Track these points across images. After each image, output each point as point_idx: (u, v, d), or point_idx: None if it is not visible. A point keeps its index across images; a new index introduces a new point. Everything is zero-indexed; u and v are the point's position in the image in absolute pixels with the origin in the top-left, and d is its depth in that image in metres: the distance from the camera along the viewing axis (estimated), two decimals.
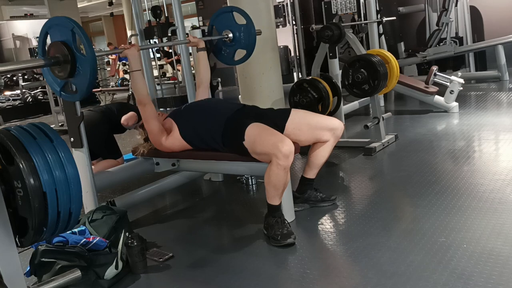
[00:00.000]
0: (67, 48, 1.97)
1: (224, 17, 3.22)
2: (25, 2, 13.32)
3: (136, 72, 2.61)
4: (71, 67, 1.97)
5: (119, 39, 19.61)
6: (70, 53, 1.97)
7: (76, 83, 2.06)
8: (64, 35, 2.00)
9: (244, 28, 3.16)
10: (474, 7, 7.59)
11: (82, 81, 2.02)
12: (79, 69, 1.99)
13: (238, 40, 3.19)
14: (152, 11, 3.96)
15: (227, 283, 2.09)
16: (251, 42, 3.17)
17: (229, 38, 3.19)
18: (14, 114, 9.06)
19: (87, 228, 2.40)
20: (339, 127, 2.69)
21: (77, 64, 1.98)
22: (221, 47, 3.28)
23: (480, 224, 2.33)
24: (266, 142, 2.37)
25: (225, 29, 3.20)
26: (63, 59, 1.98)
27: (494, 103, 5.30)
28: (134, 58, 2.60)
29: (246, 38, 3.17)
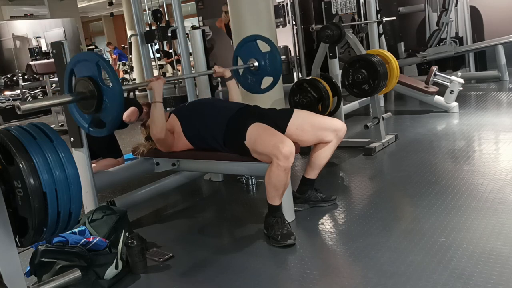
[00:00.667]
0: (93, 82, 1.99)
1: (248, 46, 3.23)
2: (25, 2, 13.34)
3: (158, 103, 2.61)
4: (97, 101, 1.99)
5: (119, 39, 19.62)
6: (96, 87, 1.99)
7: (103, 117, 2.07)
8: (89, 70, 2.02)
9: (269, 55, 3.16)
10: (474, 7, 7.59)
11: (109, 115, 2.03)
12: (106, 103, 2.00)
13: (263, 68, 3.18)
14: (153, 14, 3.96)
15: (227, 283, 2.09)
16: (277, 68, 3.17)
17: (255, 67, 3.19)
18: (14, 114, 9.04)
19: (87, 228, 2.40)
20: (342, 128, 2.69)
21: (104, 97, 2.00)
22: (247, 76, 3.27)
23: (480, 224, 2.33)
24: (267, 142, 2.37)
25: (250, 58, 3.21)
26: (89, 93, 1.99)
27: (494, 103, 5.30)
28: (159, 90, 2.62)
29: (272, 65, 3.17)
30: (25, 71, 10.09)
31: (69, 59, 2.38)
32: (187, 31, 4.16)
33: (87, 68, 2.03)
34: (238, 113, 2.62)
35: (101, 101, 2.00)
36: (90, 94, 2.00)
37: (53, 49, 2.43)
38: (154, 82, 2.63)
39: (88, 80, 2.00)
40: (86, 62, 2.05)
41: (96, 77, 2.00)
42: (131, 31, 10.85)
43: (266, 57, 3.17)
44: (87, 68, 2.04)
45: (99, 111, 2.04)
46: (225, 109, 2.68)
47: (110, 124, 2.07)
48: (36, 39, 11.44)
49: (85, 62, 2.05)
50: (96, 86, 1.99)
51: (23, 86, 9.41)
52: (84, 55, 2.11)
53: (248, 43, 3.23)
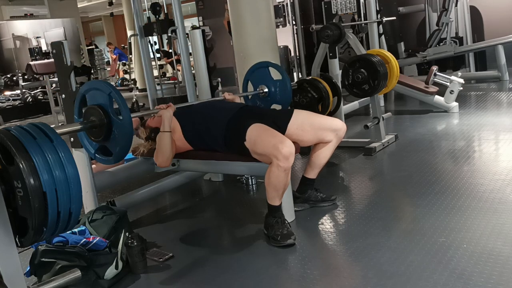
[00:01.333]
0: (104, 112, 2.00)
1: (260, 72, 3.23)
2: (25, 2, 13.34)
3: (166, 133, 2.59)
4: (106, 130, 2.00)
5: (119, 39, 19.62)
6: (106, 117, 1.99)
7: (110, 146, 2.07)
8: (101, 98, 2.03)
9: (280, 84, 3.17)
10: (474, 7, 7.59)
11: (117, 145, 2.04)
12: (114, 133, 2.01)
13: (273, 95, 3.18)
14: (152, 8, 3.95)
15: (227, 283, 2.09)
16: (287, 97, 3.17)
17: (265, 93, 3.19)
18: (14, 114, 9.05)
19: (87, 228, 2.40)
20: (342, 128, 2.70)
21: (113, 128, 2.00)
22: (256, 101, 3.28)
23: (480, 224, 2.33)
24: (267, 143, 2.37)
25: (260, 84, 3.21)
26: (99, 122, 2.00)
27: (494, 103, 5.30)
28: (169, 119, 2.59)
29: (282, 93, 3.17)
30: (25, 71, 10.09)
31: (69, 59, 2.38)
32: (187, 31, 4.16)
33: (99, 97, 2.04)
34: (238, 114, 2.62)
35: (110, 132, 2.01)
36: (99, 123, 2.01)
37: (53, 49, 2.43)
38: (164, 110, 2.60)
39: (98, 109, 2.01)
40: (98, 91, 2.06)
41: (107, 107, 2.01)
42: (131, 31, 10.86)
43: (277, 85, 3.17)
44: (98, 96, 2.05)
45: (107, 141, 2.05)
46: (225, 110, 2.68)
47: (117, 154, 2.08)
48: (36, 39, 11.44)
49: (97, 91, 2.06)
50: (107, 116, 2.00)
51: (23, 86, 9.41)
52: (97, 84, 2.12)
53: (260, 69, 3.24)
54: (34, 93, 9.44)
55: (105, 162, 2.19)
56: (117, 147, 2.04)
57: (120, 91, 2.10)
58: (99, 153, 2.18)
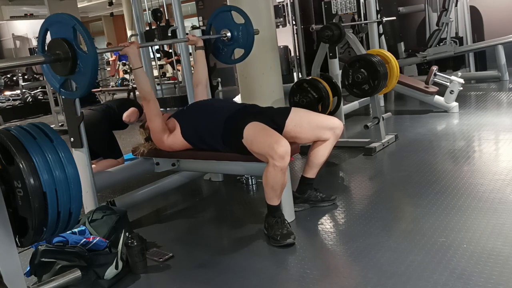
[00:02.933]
0: (68, 45, 1.95)
1: (223, 16, 3.22)
2: (25, 2, 13.32)
3: (138, 69, 2.62)
4: (71, 64, 1.96)
5: (119, 39, 19.60)
6: (71, 50, 1.95)
7: (76, 80, 2.04)
8: (65, 32, 1.98)
9: (242, 28, 3.16)
10: (474, 7, 7.59)
11: (82, 79, 2.01)
12: (79, 66, 1.97)
13: (236, 39, 3.19)
14: (153, 14, 3.95)
15: (227, 283, 2.09)
16: (249, 41, 3.18)
17: (227, 37, 3.20)
18: (14, 114, 9.06)
19: (87, 228, 2.40)
20: (339, 126, 2.70)
21: (78, 62, 1.97)
22: (219, 46, 3.28)
23: (480, 224, 2.33)
24: (262, 142, 2.37)
25: (223, 28, 3.20)
26: (63, 56, 1.96)
27: (494, 103, 5.30)
28: (135, 55, 2.60)
29: (244, 37, 3.17)
30: (25, 71, 10.09)
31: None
32: (187, 31, 4.15)
33: (63, 30, 1.99)
34: (236, 113, 2.63)
35: (75, 65, 1.97)
36: (64, 57, 1.96)
37: None
38: (127, 48, 2.58)
39: (62, 42, 1.95)
40: (62, 24, 2.00)
41: (71, 40, 1.96)
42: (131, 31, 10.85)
43: (240, 29, 3.16)
44: (62, 30, 1.99)
45: (72, 75, 2.01)
46: (224, 109, 2.68)
47: (82, 88, 2.04)
48: (36, 39, 11.42)
49: (61, 24, 2.01)
50: (72, 49, 1.95)
51: (23, 86, 9.41)
52: (59, 17, 2.06)
53: (223, 13, 3.22)
54: (34, 93, 9.44)
55: (70, 96, 2.15)
56: (82, 80, 2.01)
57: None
58: (64, 88, 2.16)
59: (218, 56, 3.32)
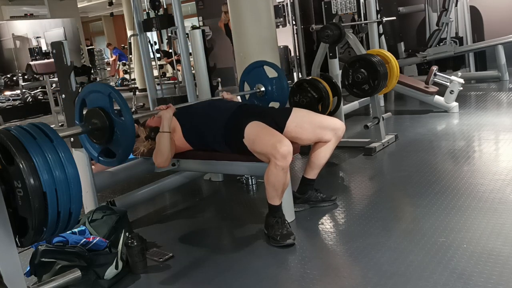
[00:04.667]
0: (105, 113, 1.99)
1: (255, 72, 3.27)
2: (25, 2, 13.33)
3: (165, 134, 2.60)
4: (109, 132, 1.99)
5: (119, 39, 19.61)
6: (108, 119, 1.98)
7: (114, 148, 2.06)
8: (101, 101, 2.01)
9: (276, 81, 3.20)
10: (474, 7, 7.59)
11: (120, 145, 2.03)
12: (116, 134, 2.00)
13: (270, 93, 3.23)
14: (151, 4, 3.94)
15: (227, 283, 2.09)
16: (284, 93, 3.22)
17: (261, 92, 3.23)
18: (14, 114, 9.05)
19: (87, 228, 2.40)
20: (341, 128, 2.70)
21: (115, 129, 1.99)
22: (253, 100, 3.31)
23: (480, 224, 2.33)
24: (265, 142, 2.37)
25: (256, 83, 3.24)
26: (101, 124, 1.99)
27: (494, 103, 5.30)
28: (168, 120, 2.61)
29: (279, 91, 3.21)
30: (25, 71, 10.08)
31: (69, 59, 2.38)
32: (187, 31, 4.15)
33: (99, 99, 2.03)
34: (236, 112, 2.63)
35: (112, 133, 2.00)
36: (101, 125, 1.99)
37: (53, 49, 2.42)
38: (163, 111, 2.62)
39: (99, 111, 1.99)
40: (98, 94, 2.04)
41: (108, 108, 2.00)
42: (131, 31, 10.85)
43: (273, 83, 3.21)
44: (98, 99, 2.03)
45: (110, 143, 2.04)
46: (224, 109, 2.68)
47: (120, 155, 2.07)
48: (36, 39, 11.43)
49: (97, 94, 2.05)
50: (108, 118, 1.98)
51: (23, 86, 9.41)
52: (96, 86, 2.11)
53: (255, 69, 3.27)
54: (34, 93, 9.44)
55: (109, 164, 2.18)
56: (120, 148, 2.04)
57: (119, 91, 2.09)
58: (103, 156, 2.18)
59: None
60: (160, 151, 2.61)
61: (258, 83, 3.22)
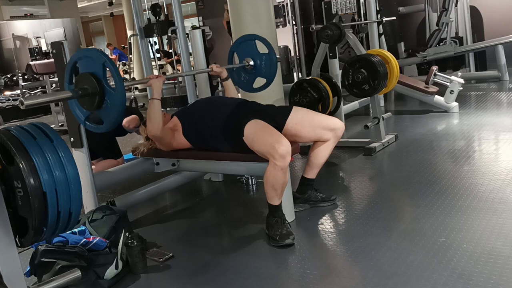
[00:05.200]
0: (97, 80, 1.97)
1: (246, 45, 3.24)
2: (25, 2, 13.33)
3: (156, 100, 2.61)
4: (99, 100, 1.98)
5: (119, 39, 19.61)
6: (99, 86, 1.97)
7: (102, 115, 2.05)
8: (94, 67, 2.00)
9: (266, 57, 3.18)
10: (474, 7, 7.59)
11: (109, 114, 2.02)
12: (107, 102, 1.99)
13: (258, 68, 3.20)
14: (152, 9, 3.96)
15: (227, 283, 2.09)
16: (272, 71, 3.19)
17: (250, 66, 3.21)
18: (14, 114, 9.05)
19: (87, 228, 2.40)
20: (340, 127, 2.70)
21: (106, 98, 1.98)
22: (240, 73, 3.30)
23: (480, 224, 2.33)
24: (263, 142, 2.38)
25: (246, 56, 3.22)
26: (91, 91, 1.98)
27: (494, 103, 5.30)
28: (158, 88, 2.62)
29: (267, 67, 3.19)
30: (25, 71, 10.08)
31: (69, 59, 2.38)
32: (187, 31, 4.16)
33: (92, 65, 2.01)
34: (236, 109, 2.63)
35: (102, 101, 1.99)
36: (92, 92, 1.97)
37: (53, 49, 2.43)
38: (153, 80, 2.63)
39: (91, 77, 1.97)
40: (91, 60, 2.02)
41: (100, 76, 1.98)
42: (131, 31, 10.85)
43: (263, 59, 3.17)
44: (91, 65, 2.01)
45: (99, 110, 2.02)
46: (224, 106, 2.69)
47: (108, 123, 2.05)
48: (36, 39, 11.43)
49: (90, 60, 2.03)
50: (100, 86, 1.97)
51: (23, 86, 9.40)
52: (90, 53, 2.08)
53: (247, 42, 3.24)
54: (34, 93, 9.43)
55: (95, 129, 2.17)
56: (108, 116, 2.02)
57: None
58: (90, 121, 2.17)
59: (238, 82, 3.32)
60: (151, 118, 2.63)
61: (248, 57, 3.21)
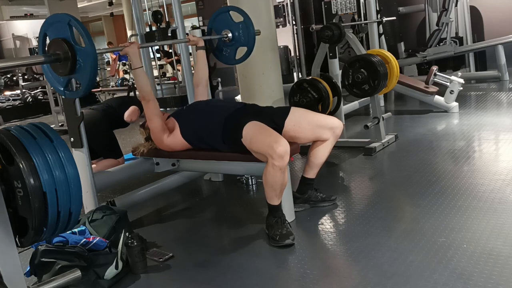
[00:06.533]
0: (66, 43, 1.97)
1: (222, 17, 3.25)
2: (25, 2, 13.32)
3: (138, 69, 2.64)
4: (71, 61, 1.97)
5: (119, 39, 19.60)
6: (69, 47, 1.97)
7: (78, 78, 2.06)
8: (62, 31, 2.00)
9: (242, 25, 3.19)
10: (474, 7, 7.59)
11: (84, 75, 2.01)
12: (79, 63, 1.98)
13: (237, 38, 3.22)
14: (153, 16, 3.97)
15: (227, 283, 2.09)
16: (251, 38, 3.21)
17: (229, 38, 3.23)
18: (14, 114, 9.05)
19: (87, 228, 2.40)
20: (339, 126, 2.70)
21: (78, 57, 1.98)
22: (222, 48, 3.31)
23: (480, 224, 2.33)
24: (262, 142, 2.37)
25: (223, 29, 3.23)
26: (63, 55, 1.97)
27: (494, 103, 5.30)
28: (135, 55, 2.62)
29: (245, 34, 3.20)
30: (25, 71, 10.09)
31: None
32: (187, 31, 4.16)
33: (60, 30, 2.02)
34: (235, 112, 2.63)
35: (74, 62, 1.98)
36: (63, 55, 1.97)
37: None
38: (127, 48, 2.61)
39: (61, 41, 1.98)
40: (59, 24, 2.02)
41: (68, 37, 1.98)
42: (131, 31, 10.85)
43: (240, 27, 3.20)
44: (60, 30, 2.02)
45: (73, 73, 2.02)
46: (223, 108, 2.69)
47: (85, 85, 2.05)
48: (36, 39, 11.44)
49: (58, 24, 2.03)
50: (69, 46, 1.97)
51: (23, 86, 9.41)
52: (55, 17, 2.08)
53: (222, 15, 3.26)
54: (34, 93, 9.44)
55: (74, 95, 2.17)
56: (84, 77, 2.02)
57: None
58: (68, 89, 2.17)
59: (221, 58, 3.34)
60: (140, 87, 2.65)
61: (225, 29, 3.23)
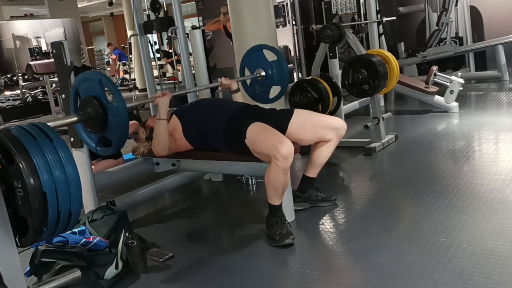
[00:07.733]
0: (97, 100, 2.00)
1: (254, 56, 3.26)
2: (25, 2, 13.33)
3: (162, 121, 2.61)
4: (102, 118, 2.01)
5: (119, 39, 19.60)
6: (100, 105, 2.00)
7: (109, 135, 2.08)
8: (93, 89, 2.04)
9: (275, 64, 3.19)
10: (474, 7, 7.58)
11: (115, 132, 2.04)
12: (110, 120, 2.01)
13: (271, 77, 3.22)
14: (151, 6, 3.95)
15: (227, 283, 2.09)
16: (285, 77, 3.21)
17: (262, 77, 3.22)
18: (14, 114, 9.05)
19: (87, 228, 2.40)
20: (342, 127, 2.70)
21: (109, 115, 2.01)
22: (255, 86, 3.31)
23: (480, 224, 2.33)
24: (266, 142, 2.37)
25: (256, 68, 3.23)
26: (94, 112, 2.01)
27: (494, 103, 5.30)
28: (165, 107, 2.62)
29: (279, 74, 3.20)
30: (25, 71, 10.08)
31: (69, 59, 2.39)
32: (187, 31, 4.15)
33: (91, 88, 2.05)
34: (239, 112, 2.63)
35: (106, 119, 2.02)
36: (95, 113, 2.01)
37: (53, 49, 2.43)
38: (160, 98, 2.63)
39: (92, 99, 2.01)
40: (90, 81, 2.06)
41: (100, 95, 2.01)
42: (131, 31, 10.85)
43: (273, 66, 3.20)
44: (91, 87, 2.05)
45: (105, 130, 2.05)
46: (226, 109, 2.68)
47: (116, 142, 2.08)
48: (36, 39, 11.43)
49: (89, 82, 2.07)
50: (100, 104, 2.00)
51: (23, 86, 9.40)
52: (87, 74, 2.13)
53: (255, 53, 3.26)
54: (34, 93, 9.43)
55: (106, 152, 2.19)
56: (115, 134, 2.05)
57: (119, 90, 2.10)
58: (100, 145, 2.18)
59: (255, 97, 3.34)
60: (157, 138, 2.63)
61: (258, 68, 3.22)
